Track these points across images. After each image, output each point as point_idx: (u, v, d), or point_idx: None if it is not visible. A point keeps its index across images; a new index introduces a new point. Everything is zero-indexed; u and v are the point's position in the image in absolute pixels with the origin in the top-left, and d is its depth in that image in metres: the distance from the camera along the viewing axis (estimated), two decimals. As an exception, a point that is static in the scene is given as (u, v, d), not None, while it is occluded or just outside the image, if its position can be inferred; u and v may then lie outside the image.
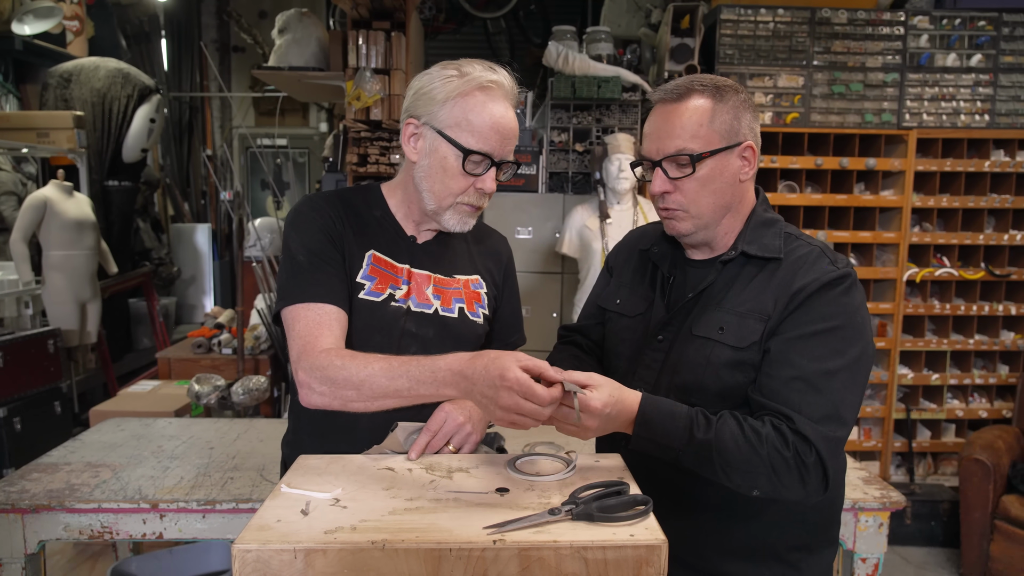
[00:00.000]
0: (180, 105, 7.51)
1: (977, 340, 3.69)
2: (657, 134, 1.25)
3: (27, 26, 4.84)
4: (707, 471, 1.13)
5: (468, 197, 1.32)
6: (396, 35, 3.64)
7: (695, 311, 1.26)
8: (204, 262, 7.21)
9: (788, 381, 1.13)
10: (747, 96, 1.25)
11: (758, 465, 1.10)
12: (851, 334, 1.15)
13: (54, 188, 4.20)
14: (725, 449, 1.10)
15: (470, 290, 1.42)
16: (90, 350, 4.64)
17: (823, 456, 1.10)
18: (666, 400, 1.15)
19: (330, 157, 4.43)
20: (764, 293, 1.20)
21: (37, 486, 1.83)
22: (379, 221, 1.39)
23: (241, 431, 2.34)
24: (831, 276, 1.17)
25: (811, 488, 1.12)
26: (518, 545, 0.90)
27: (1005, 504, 3.05)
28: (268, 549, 0.89)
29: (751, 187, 1.30)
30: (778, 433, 1.11)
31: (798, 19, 3.56)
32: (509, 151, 1.32)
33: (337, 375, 1.15)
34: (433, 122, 1.29)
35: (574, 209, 3.46)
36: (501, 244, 1.55)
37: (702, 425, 1.12)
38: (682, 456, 1.12)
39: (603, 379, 1.11)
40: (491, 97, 1.28)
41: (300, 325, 1.24)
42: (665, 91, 1.25)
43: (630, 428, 1.13)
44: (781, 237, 1.25)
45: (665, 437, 1.12)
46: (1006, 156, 3.64)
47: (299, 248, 1.31)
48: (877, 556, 1.93)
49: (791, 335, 1.15)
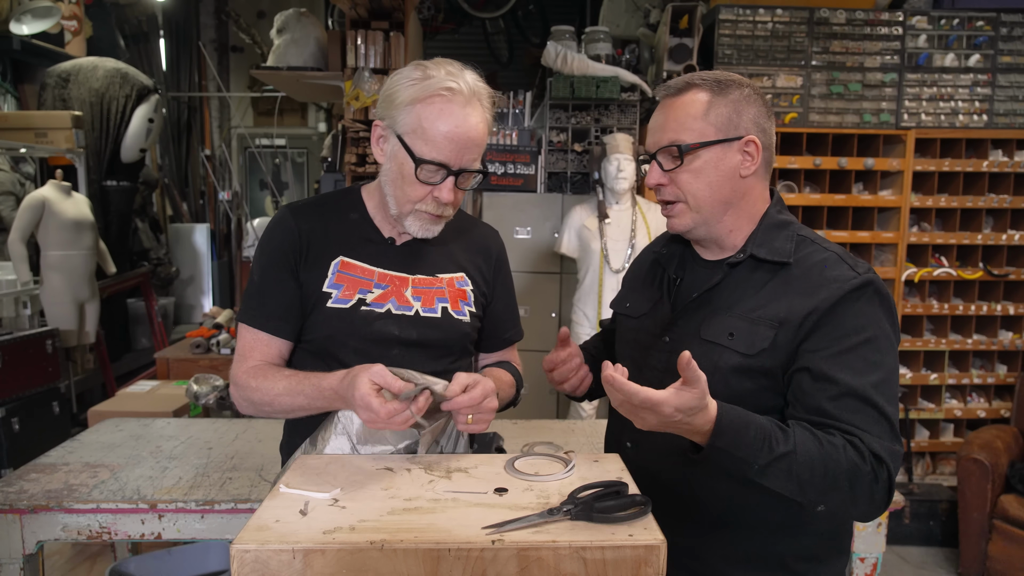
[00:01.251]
0: (178, 105, 7.51)
1: (975, 340, 3.70)
2: (654, 128, 1.26)
3: (25, 26, 4.83)
4: (780, 485, 1.07)
5: (426, 205, 1.29)
6: (395, 35, 3.64)
7: (703, 314, 1.23)
8: (202, 262, 7.20)
9: (836, 398, 1.09)
10: (755, 92, 1.23)
11: (838, 479, 1.05)
12: (884, 344, 1.13)
13: (52, 188, 4.19)
14: (805, 463, 1.05)
15: (454, 288, 1.40)
16: (88, 350, 4.63)
17: (892, 473, 1.08)
18: (738, 408, 1.07)
19: (329, 157, 4.43)
20: (778, 300, 1.17)
21: (35, 486, 1.83)
22: (355, 224, 1.38)
23: (240, 431, 2.34)
24: (854, 284, 1.14)
25: (877, 504, 1.09)
26: (517, 545, 0.90)
27: (1003, 504, 3.06)
28: (267, 549, 0.89)
29: (759, 185, 1.26)
30: (853, 447, 1.07)
31: (796, 19, 3.56)
32: (470, 160, 1.27)
33: (253, 396, 1.31)
34: (395, 126, 1.27)
35: (573, 209, 3.46)
36: (490, 237, 1.52)
37: (780, 438, 1.05)
38: (757, 470, 1.05)
39: (696, 380, 1.00)
40: (449, 104, 1.23)
41: (240, 344, 1.37)
42: (667, 87, 1.25)
43: (696, 435, 1.06)
44: (793, 240, 1.22)
45: (742, 449, 1.04)
46: (1004, 156, 3.64)
47: (256, 267, 1.38)
48: (876, 556, 1.93)
49: (827, 352, 1.11)
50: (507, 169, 3.86)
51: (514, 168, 3.86)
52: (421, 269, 1.38)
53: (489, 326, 1.49)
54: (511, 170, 3.86)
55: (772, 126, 1.25)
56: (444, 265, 1.41)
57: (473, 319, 1.42)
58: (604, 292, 3.25)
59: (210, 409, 3.12)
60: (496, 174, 3.85)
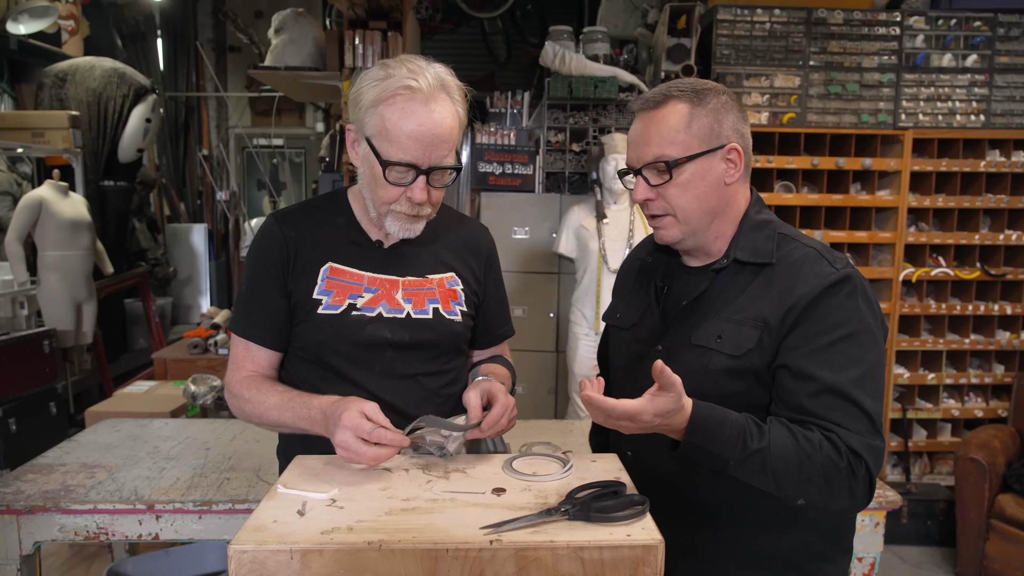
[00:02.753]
0: (176, 105, 7.50)
1: (973, 340, 3.70)
2: (636, 142, 1.24)
3: (22, 25, 4.83)
4: (757, 480, 1.10)
5: (401, 206, 1.28)
6: (392, 35, 3.63)
7: (693, 319, 1.24)
8: (200, 262, 7.19)
9: (815, 395, 1.11)
10: (730, 97, 1.23)
11: (812, 474, 1.07)
12: (866, 339, 1.13)
13: (49, 188, 4.19)
14: (779, 458, 1.07)
15: (445, 288, 1.39)
16: (86, 351, 4.63)
17: (871, 468, 1.09)
18: (715, 406, 1.10)
19: (326, 157, 4.42)
20: (761, 300, 1.18)
21: (32, 487, 1.83)
22: (343, 229, 1.38)
23: (237, 432, 2.34)
24: (832, 279, 1.14)
25: (858, 499, 1.10)
26: (515, 545, 0.90)
27: (1001, 503, 3.06)
28: (264, 550, 0.89)
29: (740, 189, 1.26)
30: (830, 443, 1.08)
31: (794, 19, 3.56)
32: (440, 156, 1.24)
33: (245, 407, 1.34)
34: (362, 129, 1.26)
35: (571, 209, 3.46)
36: (481, 235, 1.51)
37: (755, 434, 1.08)
38: (733, 466, 1.09)
39: (671, 384, 1.04)
40: (410, 103, 1.21)
41: (231, 353, 1.40)
42: (644, 99, 1.24)
43: (676, 433, 1.09)
44: (774, 239, 1.23)
45: (716, 446, 1.08)
46: (1001, 156, 3.65)
47: (244, 277, 1.39)
48: (873, 555, 1.93)
49: (806, 348, 1.13)
50: (505, 169, 3.85)
51: (512, 168, 3.85)
52: (410, 271, 1.38)
53: (482, 323, 1.49)
54: (509, 170, 3.85)
55: (748, 128, 1.25)
56: (433, 266, 1.40)
57: (465, 318, 1.41)
58: (602, 292, 3.25)
59: (208, 409, 3.11)
60: (494, 174, 3.85)
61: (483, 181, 3.85)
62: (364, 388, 1.32)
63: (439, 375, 1.40)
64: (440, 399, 1.39)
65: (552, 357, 3.83)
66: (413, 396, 1.35)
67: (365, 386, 1.33)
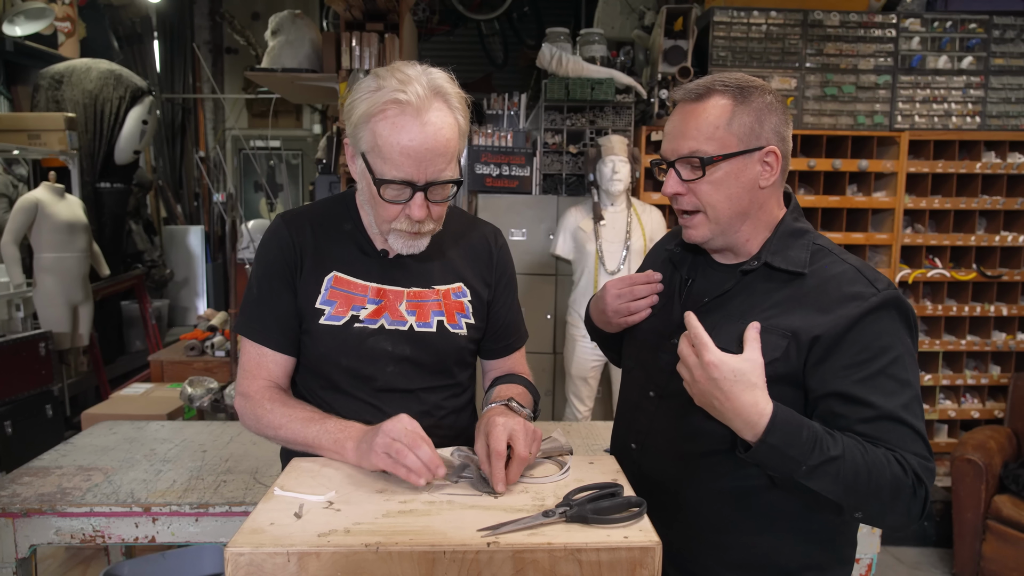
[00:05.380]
0: (173, 107, 7.48)
1: (969, 341, 3.71)
2: (673, 134, 1.21)
3: (18, 27, 4.81)
4: (825, 487, 1.05)
5: (401, 224, 1.22)
6: (390, 37, 3.63)
7: (714, 318, 1.20)
8: (197, 264, 7.17)
9: (870, 421, 1.09)
10: (775, 98, 1.19)
11: (880, 488, 1.05)
12: (908, 360, 1.12)
13: (45, 190, 4.18)
14: (851, 468, 1.04)
15: (451, 300, 1.35)
16: (82, 353, 4.61)
17: (928, 490, 1.08)
18: (791, 409, 1.07)
19: (323, 159, 4.42)
20: (791, 312, 1.14)
21: (28, 490, 1.82)
22: (349, 235, 1.34)
23: (234, 434, 2.33)
24: (874, 303, 1.11)
25: (913, 517, 1.09)
26: (512, 547, 0.90)
27: (997, 504, 3.07)
28: (261, 552, 0.88)
29: (775, 194, 1.22)
30: (898, 462, 1.06)
31: (791, 21, 3.57)
32: (437, 171, 1.17)
33: (263, 415, 1.29)
34: (357, 144, 1.21)
35: (568, 211, 3.46)
36: (492, 238, 1.44)
37: (830, 442, 1.05)
38: (804, 471, 1.04)
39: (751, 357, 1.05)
40: (400, 116, 1.14)
41: (244, 358, 1.35)
42: (686, 90, 1.20)
43: (749, 430, 1.05)
44: (809, 250, 1.19)
45: (794, 449, 1.04)
46: (997, 158, 3.66)
47: (254, 278, 1.35)
48: (871, 556, 1.93)
49: (857, 376, 1.10)
50: (502, 171, 3.86)
51: (509, 170, 3.86)
52: (416, 281, 1.33)
53: (491, 333, 1.43)
54: (506, 172, 3.86)
55: (790, 132, 1.21)
56: (441, 276, 1.35)
57: (471, 331, 1.37)
58: (599, 294, 3.25)
59: (204, 412, 3.11)
60: (491, 176, 3.85)
61: (480, 183, 3.85)
62: (365, 401, 1.31)
63: (441, 389, 1.36)
64: (442, 412, 1.36)
65: (549, 359, 3.84)
66: (413, 410, 1.30)
67: (366, 399, 1.31)
